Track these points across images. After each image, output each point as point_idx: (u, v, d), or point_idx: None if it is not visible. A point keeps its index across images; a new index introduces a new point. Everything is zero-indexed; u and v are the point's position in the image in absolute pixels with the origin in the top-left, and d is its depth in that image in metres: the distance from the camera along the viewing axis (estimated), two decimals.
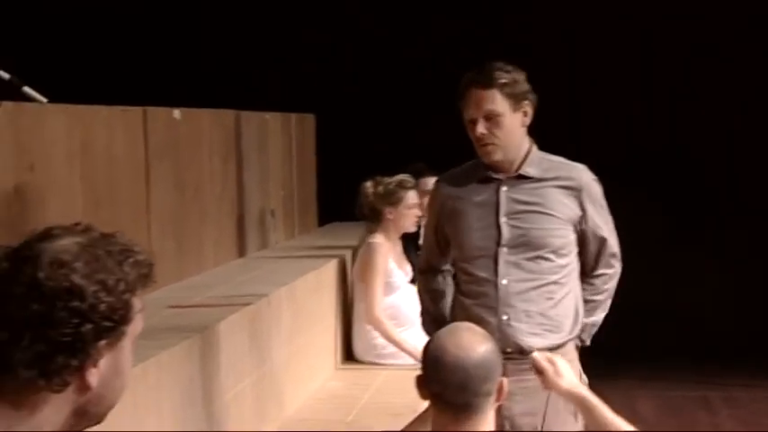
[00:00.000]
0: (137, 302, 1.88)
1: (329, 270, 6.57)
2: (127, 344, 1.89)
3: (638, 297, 4.27)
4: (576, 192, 3.99)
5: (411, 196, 6.45)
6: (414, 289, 6.44)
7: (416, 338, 6.20)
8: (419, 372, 2.89)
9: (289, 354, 5.54)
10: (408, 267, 6.51)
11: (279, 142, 7.77)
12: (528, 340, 3.87)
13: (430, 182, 6.82)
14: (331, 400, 5.77)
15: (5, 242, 3.94)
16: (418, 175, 6.84)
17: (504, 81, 3.90)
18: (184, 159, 5.94)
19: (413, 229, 6.48)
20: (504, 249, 3.95)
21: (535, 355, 3.17)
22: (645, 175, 9.30)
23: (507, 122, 3.92)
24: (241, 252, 6.77)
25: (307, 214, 8.46)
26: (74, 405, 1.85)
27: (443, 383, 2.79)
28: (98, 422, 1.93)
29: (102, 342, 1.83)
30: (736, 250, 9.38)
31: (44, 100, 4.27)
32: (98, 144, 4.93)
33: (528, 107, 3.96)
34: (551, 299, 3.96)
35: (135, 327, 1.91)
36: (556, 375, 3.10)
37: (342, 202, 8.61)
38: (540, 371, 3.13)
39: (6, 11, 8.18)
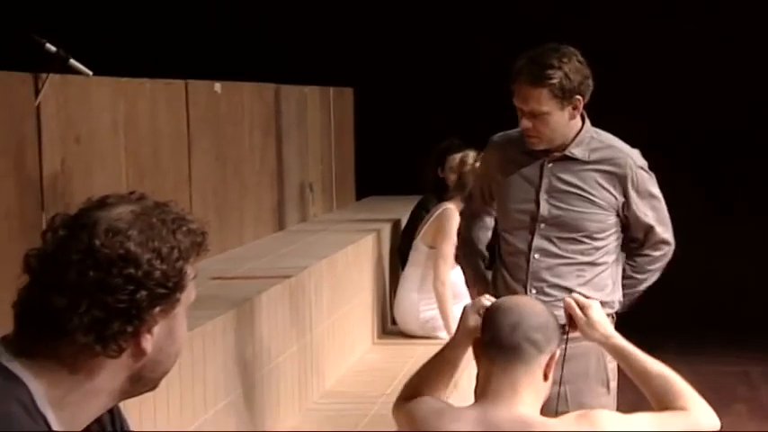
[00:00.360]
0: (190, 270, 1.90)
1: (367, 244, 6.60)
2: (181, 311, 1.92)
3: (679, 271, 4.21)
4: (619, 178, 3.95)
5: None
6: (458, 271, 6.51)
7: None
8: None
9: (328, 326, 5.58)
10: None
11: (318, 116, 7.80)
12: (558, 313, 3.87)
13: (457, 158, 6.89)
14: (370, 373, 5.80)
15: (52, 212, 3.99)
16: (449, 151, 6.83)
17: (553, 81, 3.82)
18: (225, 133, 5.98)
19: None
20: (541, 225, 3.95)
21: (568, 299, 3.14)
22: (690, 155, 9.24)
23: (553, 120, 3.88)
24: (280, 225, 6.81)
25: (345, 188, 8.48)
26: (129, 371, 1.88)
27: (497, 325, 2.86)
28: (153, 388, 1.96)
29: (157, 309, 1.85)
30: None
31: (89, 73, 4.28)
32: (142, 116, 4.97)
33: (578, 101, 3.89)
34: (582, 277, 3.95)
35: (188, 295, 1.93)
36: (587, 325, 3.09)
37: (379, 175, 8.65)
38: (571, 316, 3.12)
39: None
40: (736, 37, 9.38)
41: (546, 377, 2.88)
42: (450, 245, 6.34)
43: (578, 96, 3.88)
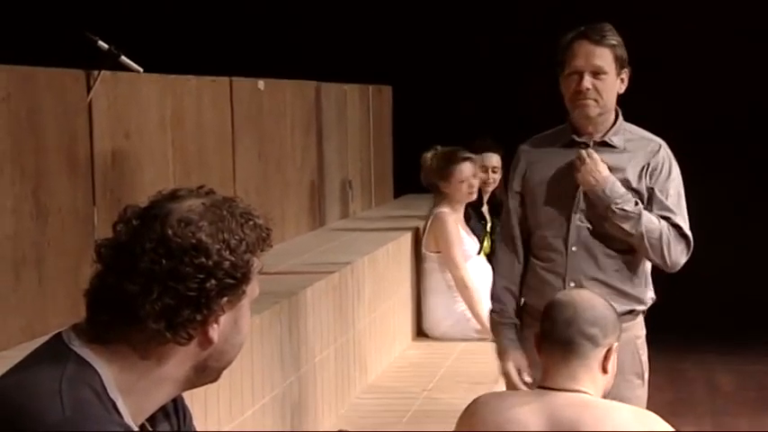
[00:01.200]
0: (256, 263, 1.93)
1: (406, 241, 6.61)
2: (246, 303, 1.94)
3: (717, 272, 4.23)
4: (651, 165, 3.93)
5: (463, 169, 6.36)
6: (482, 260, 6.48)
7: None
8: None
9: (370, 321, 5.60)
10: (475, 238, 6.52)
11: (357, 114, 7.82)
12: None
13: (490, 158, 6.88)
14: (411, 368, 5.82)
15: (103, 206, 4.08)
16: (481, 149, 6.82)
17: (614, 42, 3.89)
18: (268, 130, 6.02)
19: (468, 200, 6.46)
20: (578, 216, 3.91)
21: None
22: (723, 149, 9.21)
23: (610, 82, 3.89)
24: (321, 222, 6.84)
25: (383, 185, 8.50)
26: (196, 359, 1.91)
27: (553, 320, 2.95)
28: (215, 380, 1.99)
29: (225, 299, 1.88)
30: None
31: (140, 69, 4.33)
32: (188, 113, 5.02)
33: (626, 75, 3.94)
34: (618, 270, 3.92)
35: (253, 288, 1.96)
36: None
37: (417, 173, 8.66)
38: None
39: None
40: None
41: (605, 370, 2.93)
42: (454, 247, 6.34)
43: (626, 69, 3.93)
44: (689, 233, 3.94)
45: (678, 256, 3.91)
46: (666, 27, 9.26)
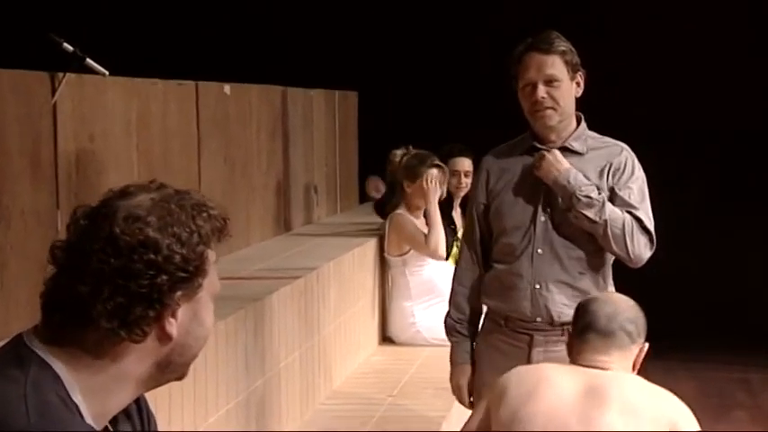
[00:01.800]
0: (211, 255, 1.91)
1: (371, 247, 6.62)
2: (204, 295, 1.92)
3: (681, 280, 4.24)
4: (613, 167, 3.95)
5: (431, 174, 6.36)
6: (448, 265, 6.45)
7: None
8: None
9: (335, 327, 5.60)
10: None
11: (323, 119, 7.82)
12: (558, 310, 3.88)
13: (462, 162, 6.87)
14: (376, 375, 5.84)
15: (67, 209, 4.01)
16: (450, 155, 6.83)
17: (563, 49, 3.92)
18: (234, 134, 6.01)
19: (428, 207, 6.38)
20: (542, 219, 3.93)
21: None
22: (690, 155, 9.26)
23: (565, 88, 3.92)
24: (286, 227, 6.84)
25: (349, 191, 8.51)
26: (157, 356, 1.89)
27: (594, 314, 3.16)
28: (181, 376, 1.97)
29: (179, 293, 1.86)
30: None
31: (105, 72, 4.30)
32: (154, 116, 4.99)
33: (580, 78, 3.96)
34: (583, 273, 3.93)
35: (212, 280, 1.94)
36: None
37: (383, 179, 8.66)
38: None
39: None
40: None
41: (634, 366, 3.15)
42: (417, 238, 6.35)
43: (580, 73, 3.96)
44: (651, 229, 3.95)
45: (641, 249, 3.92)
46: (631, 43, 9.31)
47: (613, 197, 3.93)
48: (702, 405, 7.60)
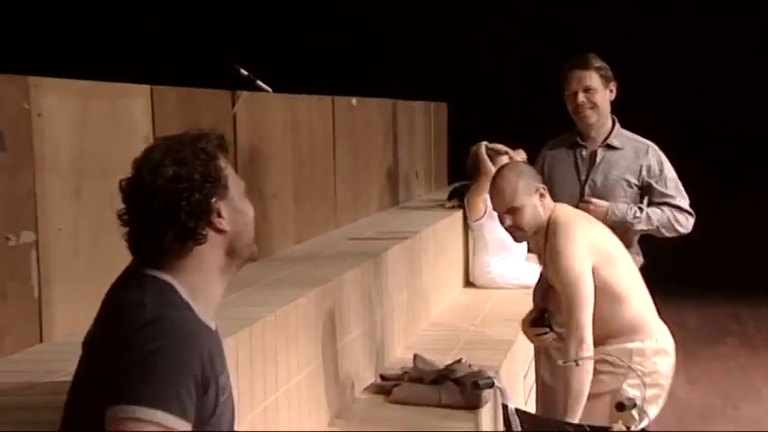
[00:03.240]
0: (222, 163, 1.88)
1: (458, 216, 6.58)
2: (234, 192, 1.88)
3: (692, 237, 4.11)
4: (640, 169, 3.87)
5: (503, 160, 6.14)
6: None
7: (516, 265, 6.21)
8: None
9: (432, 275, 5.59)
10: None
11: (422, 123, 7.81)
12: None
13: (520, 153, 6.71)
14: (462, 310, 5.79)
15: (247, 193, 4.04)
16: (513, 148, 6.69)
17: (598, 65, 3.88)
18: (358, 135, 6.02)
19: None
20: (586, 189, 3.87)
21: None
22: (697, 142, 9.06)
23: (600, 95, 3.87)
24: (395, 202, 6.84)
25: (440, 176, 8.48)
26: (223, 247, 1.86)
27: None
28: (251, 256, 1.92)
29: (213, 199, 1.83)
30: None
31: (269, 90, 4.36)
32: (302, 123, 5.03)
33: (613, 87, 3.91)
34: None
35: (234, 181, 1.90)
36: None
37: (464, 167, 8.64)
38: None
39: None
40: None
41: None
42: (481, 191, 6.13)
43: (613, 83, 3.91)
44: (687, 206, 3.90)
45: (687, 225, 3.89)
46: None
47: (651, 190, 3.87)
48: (702, 330, 7.53)
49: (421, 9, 9.51)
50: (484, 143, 6.59)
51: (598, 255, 3.32)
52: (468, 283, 6.54)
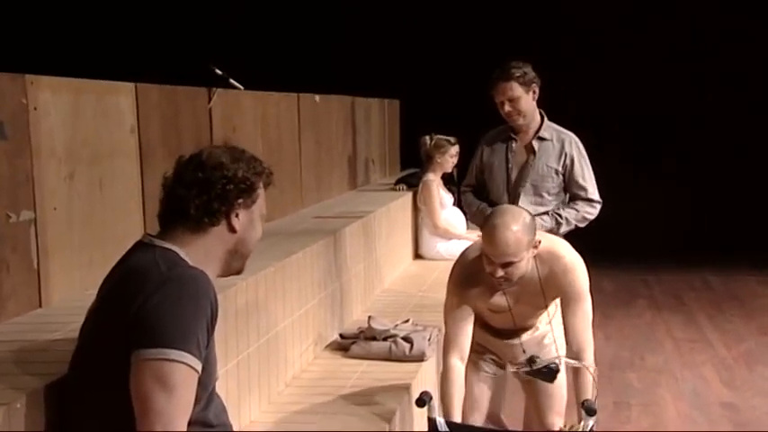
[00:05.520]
0: (259, 185, 1.92)
1: (408, 198, 6.58)
2: (257, 210, 1.92)
3: (607, 213, 4.14)
4: (563, 158, 3.85)
5: (453, 149, 6.24)
6: (456, 210, 6.43)
7: (460, 241, 6.22)
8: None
9: (386, 249, 5.59)
10: (450, 194, 6.40)
11: (378, 118, 7.80)
12: None
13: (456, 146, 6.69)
14: (411, 279, 5.80)
15: None
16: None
17: (517, 75, 3.79)
18: (321, 127, 6.01)
19: (450, 170, 6.31)
20: (520, 189, 3.88)
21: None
22: (616, 133, 9.16)
23: (523, 101, 3.82)
24: (354, 185, 6.84)
25: (393, 163, 8.48)
26: (227, 244, 1.89)
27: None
28: (240, 269, 1.93)
29: (240, 200, 1.87)
30: (669, 180, 9.29)
31: (241, 87, 4.33)
32: (271, 116, 5.00)
33: (536, 87, 3.84)
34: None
35: (261, 204, 1.92)
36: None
37: (415, 155, 8.66)
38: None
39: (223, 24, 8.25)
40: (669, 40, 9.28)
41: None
42: (435, 203, 6.16)
43: (534, 84, 3.82)
44: (596, 197, 3.87)
45: (594, 213, 3.86)
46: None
47: (569, 179, 3.84)
48: (618, 293, 7.66)
49: (379, 16, 9.48)
50: (432, 134, 6.61)
51: None
52: (417, 255, 6.54)
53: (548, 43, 9.09)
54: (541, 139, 3.91)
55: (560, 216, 3.82)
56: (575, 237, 3.96)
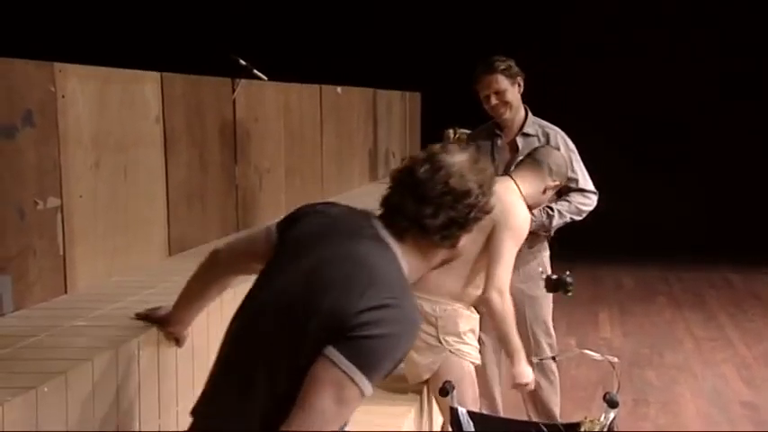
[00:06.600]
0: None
1: None
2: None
3: (608, 212, 4.10)
4: (551, 146, 3.77)
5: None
6: None
7: None
8: None
9: None
10: None
11: (398, 110, 7.80)
12: None
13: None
14: None
15: (241, 163, 4.03)
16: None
17: (502, 67, 3.78)
18: (343, 118, 6.02)
19: None
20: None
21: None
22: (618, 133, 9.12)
23: (509, 93, 3.81)
24: (373, 178, 6.85)
25: (414, 154, 8.47)
26: (441, 256, 1.89)
27: None
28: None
29: (468, 227, 1.87)
30: (683, 183, 9.24)
31: (265, 78, 4.34)
32: (294, 106, 5.01)
33: (520, 80, 3.83)
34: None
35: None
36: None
37: None
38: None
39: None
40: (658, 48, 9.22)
41: None
42: None
43: (519, 77, 3.81)
44: (590, 186, 3.83)
45: (590, 204, 3.81)
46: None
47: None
48: (636, 293, 7.63)
49: (402, 8, 9.48)
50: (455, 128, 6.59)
51: None
52: None
53: (569, 39, 9.04)
54: (526, 135, 3.88)
55: (551, 209, 3.78)
56: (595, 235, 3.92)
